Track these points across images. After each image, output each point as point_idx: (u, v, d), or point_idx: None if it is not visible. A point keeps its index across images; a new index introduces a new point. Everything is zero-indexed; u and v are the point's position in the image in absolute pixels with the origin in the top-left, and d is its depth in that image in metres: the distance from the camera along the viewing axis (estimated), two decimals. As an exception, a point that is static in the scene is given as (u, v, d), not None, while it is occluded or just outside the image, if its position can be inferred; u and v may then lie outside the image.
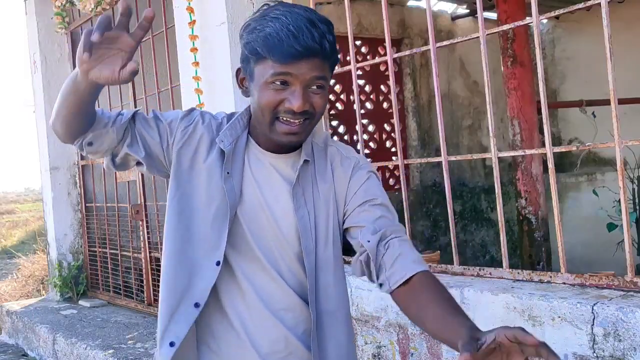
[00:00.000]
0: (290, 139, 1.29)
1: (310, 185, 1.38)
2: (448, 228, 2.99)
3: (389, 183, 5.32)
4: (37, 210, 17.45)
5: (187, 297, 1.33)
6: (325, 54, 1.25)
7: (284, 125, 1.27)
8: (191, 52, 3.38)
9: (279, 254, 1.36)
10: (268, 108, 1.27)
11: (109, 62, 1.14)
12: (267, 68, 1.24)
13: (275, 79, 1.24)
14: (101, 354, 3.71)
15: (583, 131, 5.89)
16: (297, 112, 1.25)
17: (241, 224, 1.34)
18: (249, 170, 1.36)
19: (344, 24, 3.04)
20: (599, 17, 2.10)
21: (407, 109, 5.45)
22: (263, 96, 1.27)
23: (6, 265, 9.57)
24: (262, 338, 1.35)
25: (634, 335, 1.84)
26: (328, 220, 1.38)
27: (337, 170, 1.41)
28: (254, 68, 1.28)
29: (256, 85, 1.28)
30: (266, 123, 1.29)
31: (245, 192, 1.35)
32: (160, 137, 1.37)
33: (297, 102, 1.24)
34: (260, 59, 1.25)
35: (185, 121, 1.38)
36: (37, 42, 5.30)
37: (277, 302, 1.36)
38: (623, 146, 2.07)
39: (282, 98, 1.25)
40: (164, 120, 1.38)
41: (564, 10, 2.23)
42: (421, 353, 2.45)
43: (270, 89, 1.26)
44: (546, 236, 3.72)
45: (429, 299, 1.21)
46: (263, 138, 1.37)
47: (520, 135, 3.68)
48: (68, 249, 5.40)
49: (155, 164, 1.39)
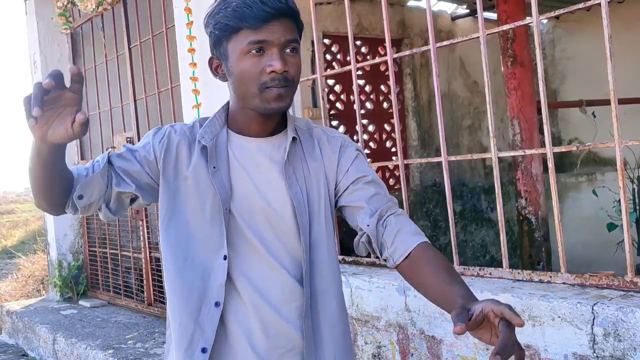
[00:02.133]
0: (279, 104, 1.32)
1: (299, 163, 1.41)
2: (448, 228, 2.99)
3: (389, 183, 5.32)
4: (37, 210, 17.43)
5: (207, 298, 1.34)
6: (293, 14, 1.32)
7: (274, 90, 1.30)
8: (189, 53, 3.39)
9: (275, 235, 1.37)
10: (250, 77, 1.30)
11: (60, 121, 1.14)
12: (242, 38, 1.29)
13: (251, 47, 1.29)
14: (101, 354, 3.71)
15: (583, 131, 5.89)
16: (280, 75, 1.29)
17: (234, 217, 1.36)
18: (235, 160, 1.38)
19: (344, 24, 3.04)
20: (599, 17, 2.10)
21: (407, 109, 5.44)
22: (243, 67, 1.31)
23: (6, 265, 9.57)
24: (261, 334, 1.35)
25: (634, 335, 1.84)
26: (320, 197, 1.42)
27: (325, 148, 1.45)
28: (227, 46, 1.33)
29: (233, 61, 1.32)
30: (254, 94, 1.32)
31: (235, 183, 1.37)
32: (141, 165, 1.39)
33: (278, 64, 1.28)
34: (232, 34, 1.30)
35: (158, 136, 1.41)
36: (37, 42, 5.30)
37: (276, 293, 1.36)
38: (623, 146, 2.07)
39: (262, 65, 1.29)
40: (138, 149, 1.41)
41: (564, 10, 2.23)
42: (421, 353, 2.45)
43: (248, 58, 1.30)
44: (546, 236, 3.71)
45: (428, 269, 1.30)
46: (245, 124, 1.40)
47: (520, 135, 3.68)
48: (68, 249, 5.40)
49: (148, 192, 1.40)
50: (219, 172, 1.36)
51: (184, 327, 1.35)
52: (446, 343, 2.35)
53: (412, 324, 2.48)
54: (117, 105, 4.84)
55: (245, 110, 1.38)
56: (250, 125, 1.40)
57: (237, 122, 1.41)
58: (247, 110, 1.38)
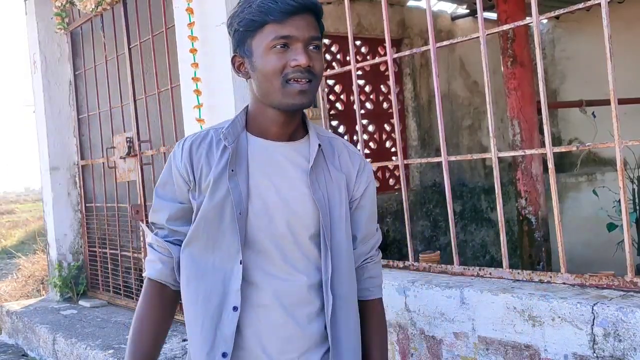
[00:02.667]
0: (302, 99, 1.33)
1: (322, 170, 1.42)
2: (448, 228, 2.99)
3: (389, 183, 5.32)
4: (37, 210, 17.45)
5: (227, 303, 1.35)
6: (317, 11, 1.35)
7: (296, 85, 1.31)
8: (190, 53, 3.39)
9: (293, 240, 1.38)
10: (275, 71, 1.31)
11: None
12: (267, 34, 1.31)
13: (277, 42, 1.31)
14: (101, 354, 3.71)
15: (583, 131, 5.89)
16: (304, 69, 1.30)
17: (251, 221, 1.36)
18: (255, 163, 1.38)
19: (344, 24, 3.04)
20: (599, 17, 2.10)
21: (407, 109, 5.44)
22: (268, 62, 1.32)
23: (6, 265, 9.57)
24: (274, 338, 1.36)
25: (634, 335, 1.84)
26: (341, 205, 1.43)
27: (346, 161, 1.47)
28: (252, 43, 1.34)
29: (257, 57, 1.33)
30: (277, 89, 1.32)
31: (254, 186, 1.37)
32: (181, 202, 1.43)
33: (303, 58, 1.30)
34: (257, 29, 1.32)
35: (177, 162, 1.42)
36: (37, 42, 5.29)
37: (289, 297, 1.37)
38: (623, 146, 2.07)
39: (286, 60, 1.31)
40: (171, 193, 1.43)
41: (564, 10, 2.23)
42: (421, 353, 2.45)
43: (273, 53, 1.31)
44: (546, 236, 3.71)
45: (366, 329, 1.49)
46: (266, 126, 1.40)
47: (520, 135, 3.68)
48: (68, 249, 5.39)
49: None
50: (236, 176, 1.36)
51: (206, 331, 1.35)
52: (446, 343, 2.35)
53: (412, 324, 2.48)
54: (117, 105, 4.84)
55: (266, 110, 1.38)
56: (271, 127, 1.40)
57: (257, 124, 1.41)
58: (269, 110, 1.38)
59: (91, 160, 5.28)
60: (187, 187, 1.40)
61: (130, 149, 4.51)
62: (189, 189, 1.40)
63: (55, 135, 5.28)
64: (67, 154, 5.35)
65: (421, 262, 2.78)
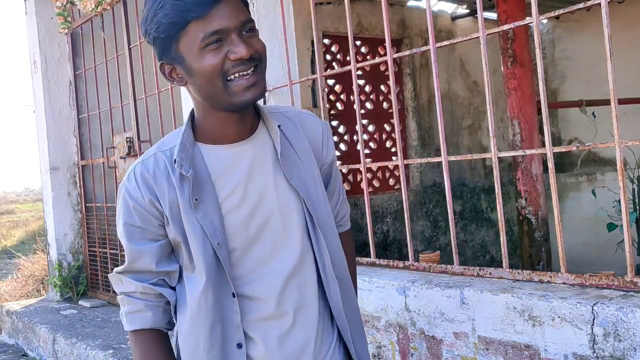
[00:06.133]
0: (253, 93, 1.20)
1: (290, 153, 1.32)
2: (448, 228, 2.99)
3: (389, 183, 5.32)
4: (37, 210, 17.46)
5: (229, 341, 1.28)
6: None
7: (241, 81, 1.19)
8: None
9: (285, 236, 1.30)
10: (215, 71, 1.18)
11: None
12: (193, 34, 1.17)
13: (207, 40, 1.16)
14: (101, 354, 3.71)
15: (583, 131, 5.89)
16: (246, 59, 1.18)
17: (236, 244, 1.27)
18: (219, 178, 1.27)
19: (344, 24, 3.04)
20: (599, 17, 2.10)
21: (407, 109, 5.45)
22: (205, 62, 1.17)
23: (6, 265, 9.57)
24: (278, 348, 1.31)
25: (634, 335, 1.84)
26: (315, 182, 1.35)
27: (309, 130, 1.38)
28: (178, 47, 1.20)
29: (191, 60, 1.19)
30: (220, 90, 1.19)
31: (227, 205, 1.26)
32: (157, 241, 1.29)
33: (242, 49, 1.17)
34: (181, 32, 1.17)
35: (137, 200, 1.26)
36: (37, 42, 5.29)
37: (290, 302, 1.31)
38: (623, 146, 2.07)
39: (224, 55, 1.17)
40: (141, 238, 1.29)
41: (564, 10, 2.23)
42: (421, 353, 2.45)
43: (207, 53, 1.17)
44: (546, 236, 3.72)
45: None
46: (220, 131, 1.27)
47: (520, 135, 3.68)
48: (68, 249, 5.39)
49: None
50: (202, 204, 1.24)
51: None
52: (446, 343, 2.35)
53: (412, 324, 2.48)
54: (117, 105, 4.84)
55: (215, 114, 1.26)
56: (224, 130, 1.27)
57: (209, 131, 1.28)
58: (218, 113, 1.25)
59: (91, 160, 5.28)
60: (158, 222, 1.27)
61: (130, 149, 4.51)
62: (160, 223, 1.27)
63: (55, 135, 5.28)
64: (67, 154, 5.35)
65: (421, 262, 2.79)
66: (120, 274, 1.32)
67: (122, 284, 1.32)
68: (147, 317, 1.30)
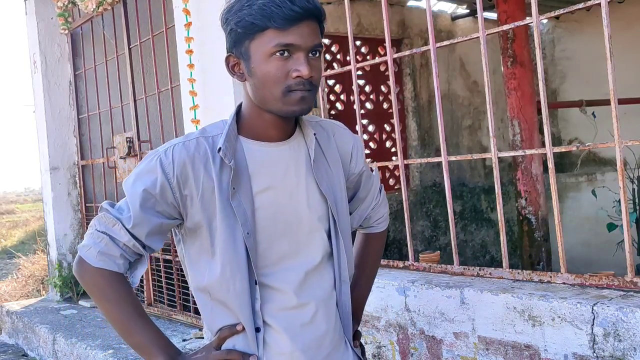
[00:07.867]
0: (302, 107, 1.29)
1: (322, 160, 1.42)
2: (448, 228, 2.98)
3: (389, 183, 5.32)
4: (37, 210, 17.46)
5: (248, 323, 1.33)
6: (320, 16, 1.29)
7: (298, 93, 1.27)
8: (187, 54, 3.38)
9: (308, 235, 1.38)
10: (275, 80, 1.26)
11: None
12: (268, 40, 1.25)
13: (278, 49, 1.25)
14: (101, 354, 3.71)
15: (583, 131, 5.88)
16: (306, 80, 1.26)
17: (263, 235, 1.34)
18: (257, 171, 1.34)
19: (344, 24, 3.04)
20: (599, 17, 2.10)
21: (407, 109, 5.44)
22: (268, 69, 1.26)
23: (6, 265, 9.57)
24: (299, 351, 1.36)
25: (634, 335, 1.84)
26: (341, 190, 1.45)
27: (341, 141, 1.48)
28: (250, 46, 1.28)
29: (256, 62, 1.27)
30: (277, 98, 1.28)
31: (259, 198, 1.33)
32: (166, 217, 1.34)
33: (305, 69, 1.25)
34: (257, 33, 1.25)
35: (168, 174, 1.30)
36: (37, 42, 5.29)
37: (313, 297, 1.38)
38: (623, 146, 2.07)
39: (288, 69, 1.26)
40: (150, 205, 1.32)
41: (564, 10, 2.23)
42: (421, 353, 2.45)
43: (274, 61, 1.26)
44: (546, 236, 3.72)
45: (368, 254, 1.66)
46: (263, 129, 1.35)
47: (520, 135, 3.68)
48: (68, 249, 5.40)
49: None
50: (238, 194, 1.30)
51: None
52: (446, 343, 2.35)
53: (412, 324, 2.48)
54: (117, 105, 4.84)
55: (263, 114, 1.33)
56: (268, 130, 1.35)
57: (252, 128, 1.36)
58: (265, 115, 1.33)
59: (91, 160, 5.28)
60: (174, 203, 1.31)
61: (130, 149, 4.51)
62: (175, 204, 1.32)
63: (55, 135, 5.28)
64: (67, 154, 5.35)
65: (421, 262, 2.79)
66: (116, 219, 1.34)
67: (112, 227, 1.34)
68: (120, 264, 1.37)
